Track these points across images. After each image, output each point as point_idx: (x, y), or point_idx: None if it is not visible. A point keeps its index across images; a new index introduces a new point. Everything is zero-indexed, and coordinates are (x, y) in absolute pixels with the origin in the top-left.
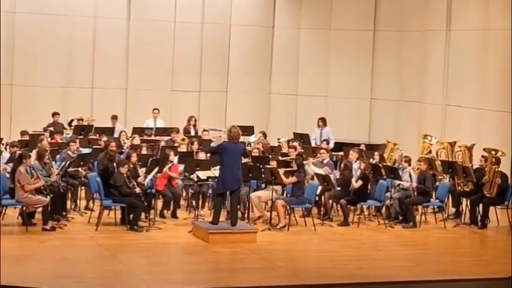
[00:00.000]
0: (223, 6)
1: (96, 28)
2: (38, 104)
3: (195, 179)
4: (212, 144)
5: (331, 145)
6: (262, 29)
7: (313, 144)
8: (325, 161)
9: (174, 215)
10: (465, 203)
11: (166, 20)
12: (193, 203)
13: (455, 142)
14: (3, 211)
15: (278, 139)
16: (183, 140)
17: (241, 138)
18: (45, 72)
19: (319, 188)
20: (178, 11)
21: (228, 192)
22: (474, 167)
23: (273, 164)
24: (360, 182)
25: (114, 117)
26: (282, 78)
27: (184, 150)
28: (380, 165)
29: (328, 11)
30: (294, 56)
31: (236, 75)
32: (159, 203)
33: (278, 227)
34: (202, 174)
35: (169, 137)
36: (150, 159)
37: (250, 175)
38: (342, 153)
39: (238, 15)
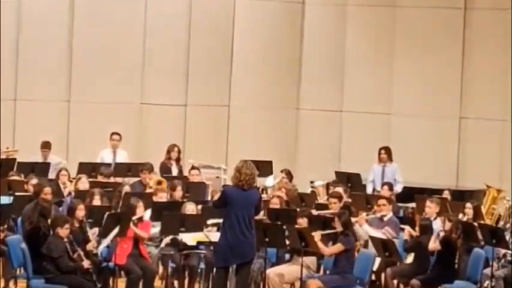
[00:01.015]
0: None
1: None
2: None
3: (179, 246)
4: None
5: (398, 190)
6: (286, 7)
7: (368, 191)
8: (386, 218)
9: None
10: None
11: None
12: (175, 284)
13: None
14: None
15: (311, 182)
16: (160, 183)
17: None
18: None
19: (377, 260)
20: None
21: (233, 267)
22: None
23: (303, 222)
24: (437, 245)
25: (46, 146)
26: (317, 86)
27: (162, 199)
28: (475, 224)
29: None
30: (336, 52)
31: (244, 81)
32: (121, 284)
33: None
34: (190, 238)
35: (138, 179)
36: (107, 213)
37: (267, 240)
38: (413, 204)
39: None
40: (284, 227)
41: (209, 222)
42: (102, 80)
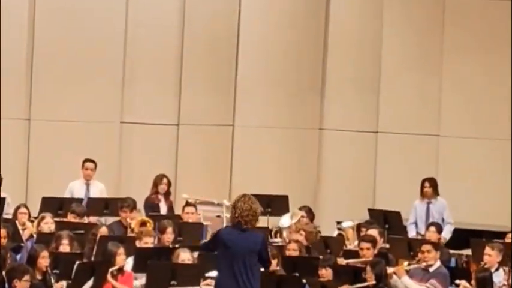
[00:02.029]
0: None
1: None
2: None
3: None
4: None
5: (447, 235)
6: (306, 4)
7: (410, 234)
8: (432, 268)
9: None
10: None
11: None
12: None
13: None
14: None
15: (338, 223)
16: (144, 224)
17: (264, 221)
18: None
19: None
20: None
21: None
22: None
23: (327, 274)
24: None
25: None
26: (344, 102)
27: (148, 244)
28: None
29: None
30: (368, 58)
31: (252, 95)
32: None
33: None
34: None
35: (117, 218)
36: (77, 262)
37: None
38: (468, 251)
39: None
40: (303, 280)
41: (208, 274)
42: (70, 94)
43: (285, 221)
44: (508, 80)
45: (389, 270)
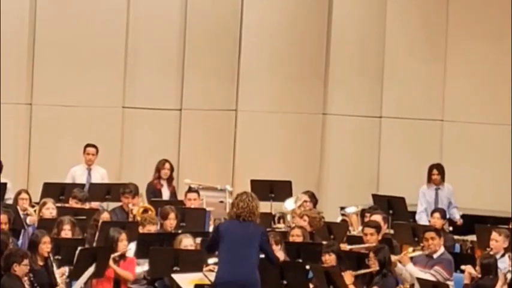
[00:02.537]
0: None
1: None
2: None
3: None
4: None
5: (457, 215)
6: None
7: (421, 222)
8: (436, 255)
9: None
10: None
11: None
12: None
13: None
14: None
15: (342, 208)
16: (147, 210)
17: (267, 206)
18: None
19: None
20: None
21: None
22: None
23: (331, 259)
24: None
25: None
26: (348, 86)
27: (151, 230)
28: None
29: None
30: (372, 44)
31: (255, 79)
32: None
33: None
34: (186, 281)
35: (119, 204)
36: (79, 248)
37: (285, 283)
38: (473, 237)
39: None
40: (307, 266)
41: (210, 261)
42: (72, 79)
43: (288, 204)
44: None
45: (394, 258)
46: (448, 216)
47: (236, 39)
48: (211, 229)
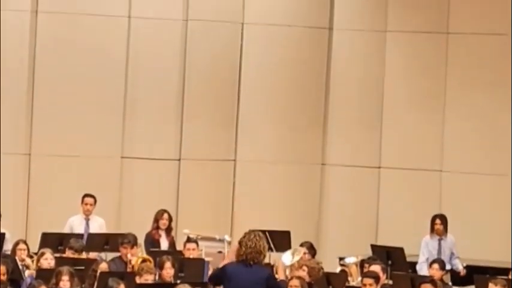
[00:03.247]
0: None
1: None
2: None
3: None
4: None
5: (460, 266)
6: (309, 35)
7: (422, 273)
8: None
9: None
10: None
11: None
12: None
13: None
14: None
15: (341, 259)
16: (145, 260)
17: (266, 257)
18: None
19: None
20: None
21: None
22: None
23: None
24: None
25: None
26: (347, 136)
27: (148, 280)
28: None
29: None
30: (371, 92)
31: (254, 129)
32: None
33: None
34: None
35: (117, 254)
36: None
37: None
38: (471, 287)
39: (258, 11)
40: None
41: None
42: (71, 128)
43: (286, 257)
44: (507, 117)
45: None
46: (448, 267)
47: (235, 88)
48: None
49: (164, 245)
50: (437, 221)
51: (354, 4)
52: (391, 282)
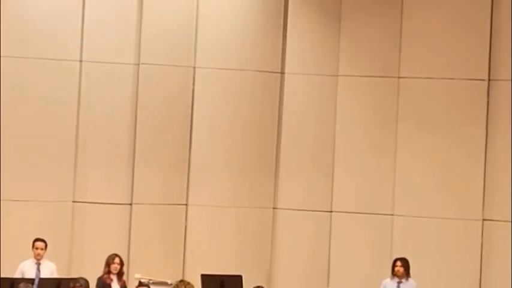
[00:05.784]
0: (183, 43)
1: None
2: None
3: None
4: None
5: None
6: (259, 79)
7: None
8: None
9: None
10: None
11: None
12: None
13: None
14: None
15: None
16: None
17: None
18: None
19: None
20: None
21: None
22: None
23: None
24: None
25: None
26: (299, 180)
27: None
28: None
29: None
30: (323, 136)
31: (205, 172)
32: None
33: None
34: None
35: None
36: None
37: None
38: None
39: (210, 55)
40: None
41: None
42: (21, 173)
43: None
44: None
45: None
46: None
47: (187, 132)
48: None
49: None
50: (398, 263)
51: (305, 48)
52: None
